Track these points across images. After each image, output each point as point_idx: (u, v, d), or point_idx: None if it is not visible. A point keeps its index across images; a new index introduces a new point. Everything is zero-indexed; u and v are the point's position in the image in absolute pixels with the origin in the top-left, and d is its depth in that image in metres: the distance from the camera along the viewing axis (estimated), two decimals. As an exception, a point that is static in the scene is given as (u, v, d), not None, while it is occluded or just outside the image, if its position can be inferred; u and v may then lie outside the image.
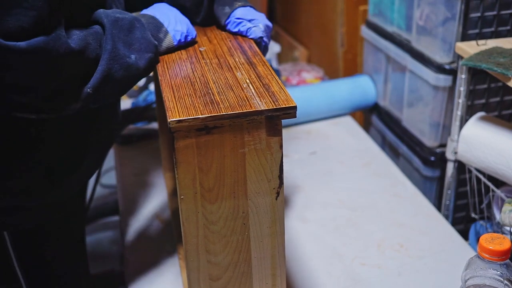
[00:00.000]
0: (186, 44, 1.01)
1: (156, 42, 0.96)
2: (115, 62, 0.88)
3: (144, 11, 1.03)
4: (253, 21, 1.05)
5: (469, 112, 1.37)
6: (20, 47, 0.76)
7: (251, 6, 1.09)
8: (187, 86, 0.87)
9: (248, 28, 1.05)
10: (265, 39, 1.05)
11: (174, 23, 1.00)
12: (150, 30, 0.96)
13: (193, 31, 1.03)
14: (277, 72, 2.03)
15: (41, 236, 1.06)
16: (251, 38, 1.05)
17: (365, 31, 1.80)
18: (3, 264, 1.02)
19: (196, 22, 1.11)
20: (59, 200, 1.02)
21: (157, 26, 0.98)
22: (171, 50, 1.00)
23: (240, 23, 1.05)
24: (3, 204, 0.96)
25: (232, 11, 1.06)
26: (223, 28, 1.09)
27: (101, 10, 0.93)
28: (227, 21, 1.07)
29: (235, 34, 1.07)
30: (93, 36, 0.87)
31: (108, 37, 0.88)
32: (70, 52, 0.82)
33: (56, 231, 1.09)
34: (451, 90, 1.44)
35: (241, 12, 1.06)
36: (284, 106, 0.81)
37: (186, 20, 1.03)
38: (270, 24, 1.08)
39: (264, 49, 1.06)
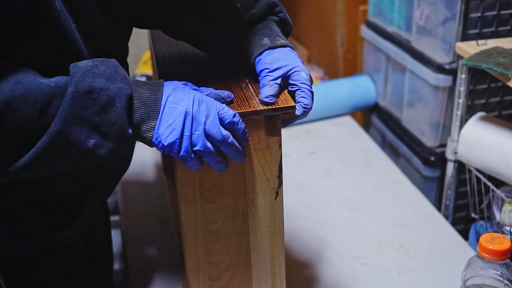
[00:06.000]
0: (169, 149, 0.75)
1: (130, 132, 0.73)
2: (59, 147, 0.69)
3: (166, 85, 0.77)
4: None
5: (469, 112, 1.37)
6: None
7: (291, 48, 0.87)
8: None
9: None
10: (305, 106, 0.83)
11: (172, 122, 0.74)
12: (139, 111, 0.73)
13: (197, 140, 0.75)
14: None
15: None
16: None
17: (365, 31, 1.80)
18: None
19: (222, 49, 0.91)
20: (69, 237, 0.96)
21: (149, 113, 0.74)
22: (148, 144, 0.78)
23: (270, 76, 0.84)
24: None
25: (269, 49, 0.85)
26: (248, 66, 0.87)
27: (81, 65, 0.71)
28: (258, 58, 0.85)
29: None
30: (31, 98, 0.66)
31: (60, 116, 0.68)
32: None
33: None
34: (451, 90, 1.44)
35: (277, 55, 0.85)
36: (283, 106, 0.81)
37: (200, 127, 0.74)
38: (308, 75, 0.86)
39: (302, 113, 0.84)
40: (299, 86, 0.83)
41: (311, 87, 0.84)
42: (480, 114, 1.32)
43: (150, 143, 0.75)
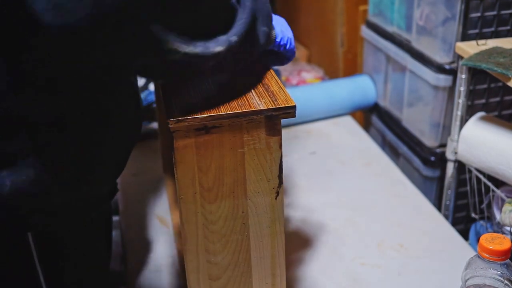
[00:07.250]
0: (285, 51, 0.94)
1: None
2: (258, 12, 0.79)
3: None
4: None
5: (469, 112, 1.37)
6: None
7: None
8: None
9: None
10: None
11: (282, 26, 0.93)
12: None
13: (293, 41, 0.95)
14: (277, 72, 2.03)
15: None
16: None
17: (365, 31, 1.80)
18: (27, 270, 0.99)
19: None
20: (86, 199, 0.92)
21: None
22: (266, 48, 0.89)
23: None
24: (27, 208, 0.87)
25: None
26: None
27: None
28: None
29: None
30: None
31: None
32: None
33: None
34: (451, 90, 1.44)
35: None
36: (283, 105, 0.81)
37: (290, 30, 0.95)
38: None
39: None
40: None
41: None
42: (480, 114, 1.32)
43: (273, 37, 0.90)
